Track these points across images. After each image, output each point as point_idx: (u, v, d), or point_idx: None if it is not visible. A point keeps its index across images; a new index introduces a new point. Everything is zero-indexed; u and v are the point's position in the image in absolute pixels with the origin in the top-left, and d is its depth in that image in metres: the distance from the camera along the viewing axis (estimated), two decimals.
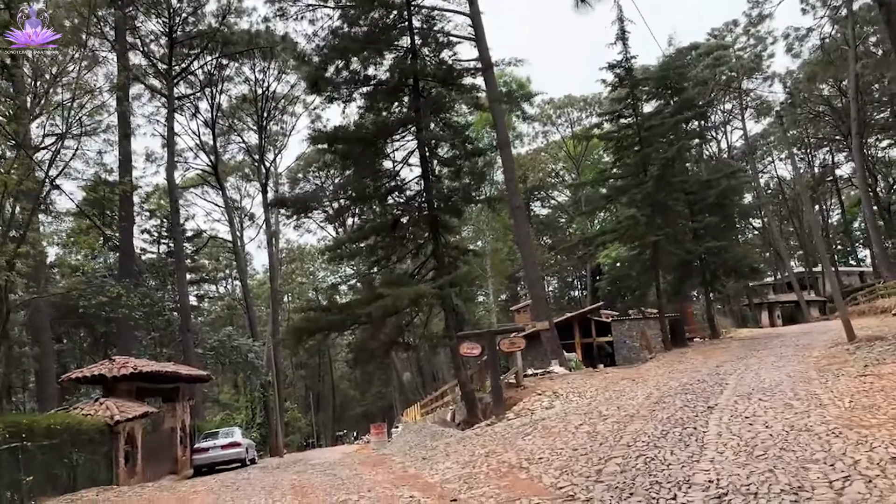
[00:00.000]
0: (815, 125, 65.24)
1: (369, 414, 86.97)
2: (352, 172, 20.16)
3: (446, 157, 20.66)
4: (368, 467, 12.72)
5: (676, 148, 24.74)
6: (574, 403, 14.72)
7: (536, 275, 30.19)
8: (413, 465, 11.43)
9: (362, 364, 24.34)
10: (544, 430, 11.40)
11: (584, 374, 20.82)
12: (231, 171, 57.79)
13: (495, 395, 15.79)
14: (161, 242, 47.38)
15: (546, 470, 8.32)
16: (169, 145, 35.40)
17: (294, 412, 65.07)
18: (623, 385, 16.07)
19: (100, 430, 16.35)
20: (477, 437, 13.55)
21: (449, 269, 19.97)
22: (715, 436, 8.55)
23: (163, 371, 21.08)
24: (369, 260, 21.58)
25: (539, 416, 13.84)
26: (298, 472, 12.85)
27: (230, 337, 40.26)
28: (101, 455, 16.59)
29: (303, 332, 18.13)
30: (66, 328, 36.22)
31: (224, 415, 53.51)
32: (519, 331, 18.12)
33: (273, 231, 46.97)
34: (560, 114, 70.54)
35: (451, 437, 15.62)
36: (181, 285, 35.21)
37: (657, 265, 25.87)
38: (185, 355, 33.40)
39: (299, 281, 79.00)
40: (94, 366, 19.80)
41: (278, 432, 38.84)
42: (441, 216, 20.73)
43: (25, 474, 12.23)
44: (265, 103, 47.89)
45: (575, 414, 12.36)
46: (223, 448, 23.61)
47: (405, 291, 16.56)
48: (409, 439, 17.94)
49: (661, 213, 25.83)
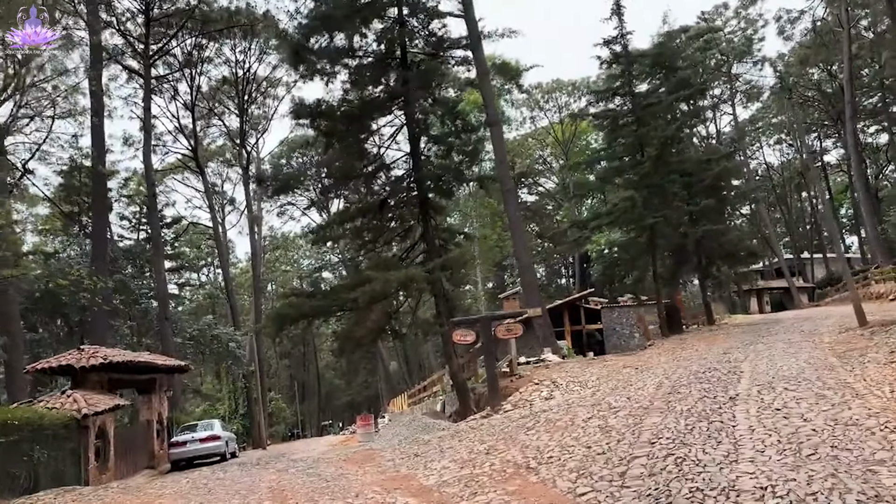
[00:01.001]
0: (805, 110, 64.71)
1: (355, 404, 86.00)
2: (336, 151, 18.96)
3: (436, 134, 19.52)
4: (355, 465, 11.68)
5: (677, 125, 23.78)
6: (577, 394, 13.75)
7: (528, 260, 29.19)
8: (405, 464, 10.41)
9: (348, 353, 23.32)
10: (549, 424, 10.41)
11: (581, 363, 19.90)
12: (212, 155, 56.17)
13: (491, 385, 14.79)
14: (140, 229, 45.92)
15: (560, 472, 7.31)
16: (146, 127, 33.95)
17: (278, 402, 63.85)
18: (627, 374, 15.13)
19: (65, 424, 15.16)
20: (473, 431, 12.54)
21: (439, 253, 18.91)
22: (747, 431, 7.59)
23: (136, 361, 19.87)
24: (355, 243, 20.47)
25: (539, 408, 12.86)
26: (279, 471, 11.77)
27: (210, 326, 39.05)
28: (68, 452, 15.41)
29: (285, 319, 17.00)
30: (40, 317, 34.78)
31: (206, 406, 52.29)
32: (515, 317, 17.13)
33: (255, 216, 45.64)
34: (548, 98, 69.43)
35: (444, 430, 14.61)
36: (159, 273, 33.88)
37: (654, 249, 24.97)
38: (164, 344, 32.17)
39: (283, 269, 77.63)
40: (62, 355, 18.54)
41: (261, 424, 37.73)
42: (431, 197, 19.66)
43: None
44: (246, 85, 46.40)
45: (580, 406, 11.38)
46: (202, 441, 22.49)
47: (394, 275, 15.48)
48: (398, 432, 16.95)
49: (659, 195, 24.91)
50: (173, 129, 46.03)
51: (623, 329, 36.69)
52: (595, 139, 70.48)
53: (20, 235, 37.70)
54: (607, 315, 36.02)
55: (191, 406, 51.33)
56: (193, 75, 42.96)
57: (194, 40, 39.62)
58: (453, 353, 18.41)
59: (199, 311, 57.62)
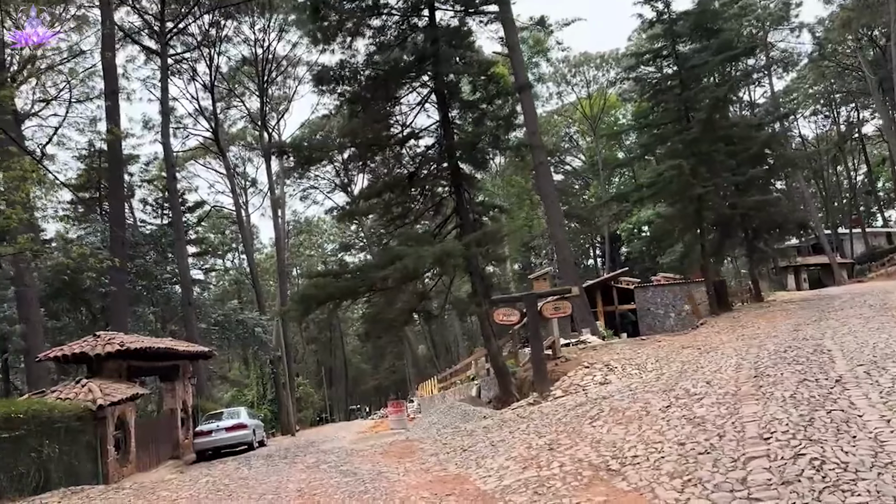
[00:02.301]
0: (842, 79, 61.79)
1: (382, 388, 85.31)
2: (361, 120, 17.53)
3: (468, 99, 18.02)
4: (394, 460, 10.40)
5: (729, 85, 21.90)
6: (638, 378, 12.29)
7: (563, 236, 27.70)
8: (452, 460, 9.08)
9: (374, 337, 21.84)
10: (616, 414, 8.99)
11: (630, 344, 18.40)
12: (233, 139, 55.19)
13: (537, 368, 13.39)
14: (163, 214, 45.09)
15: (655, 477, 5.90)
16: (163, 105, 32.85)
17: (306, 387, 63.22)
18: (689, 355, 13.63)
19: (79, 416, 14.08)
20: (522, 421, 11.17)
21: (474, 228, 17.50)
22: (881, 422, 6.11)
23: (156, 347, 18.79)
24: (383, 219, 19.11)
25: (597, 395, 11.43)
26: (308, 468, 10.53)
27: (235, 311, 38.15)
28: (83, 446, 14.35)
29: (311, 301, 15.73)
30: (61, 304, 34.10)
31: (234, 392, 51.75)
32: (563, 293, 15.69)
33: (278, 198, 44.49)
34: (575, 73, 67.14)
35: (488, 418, 13.26)
36: (181, 257, 32.90)
37: (702, 221, 23.25)
38: (188, 330, 31.25)
39: (307, 254, 76.77)
40: (76, 343, 17.48)
41: (290, 410, 36.79)
42: (463, 168, 18.20)
43: None
44: (266, 65, 45.14)
45: (649, 392, 9.94)
46: (228, 430, 21.47)
47: (428, 251, 14.11)
48: (435, 420, 15.69)
49: (706, 164, 23.14)
50: (193, 112, 45.09)
51: (657, 309, 35.08)
52: (624, 114, 68.41)
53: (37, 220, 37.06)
54: (641, 295, 34.38)
55: (218, 392, 50.83)
56: (212, 55, 41.80)
57: (211, 17, 38.36)
58: (492, 334, 17.04)
59: (225, 297, 56.98)
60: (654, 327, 33.12)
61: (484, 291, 17.47)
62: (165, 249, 36.11)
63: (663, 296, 34.43)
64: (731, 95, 24.08)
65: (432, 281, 18.93)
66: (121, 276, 25.45)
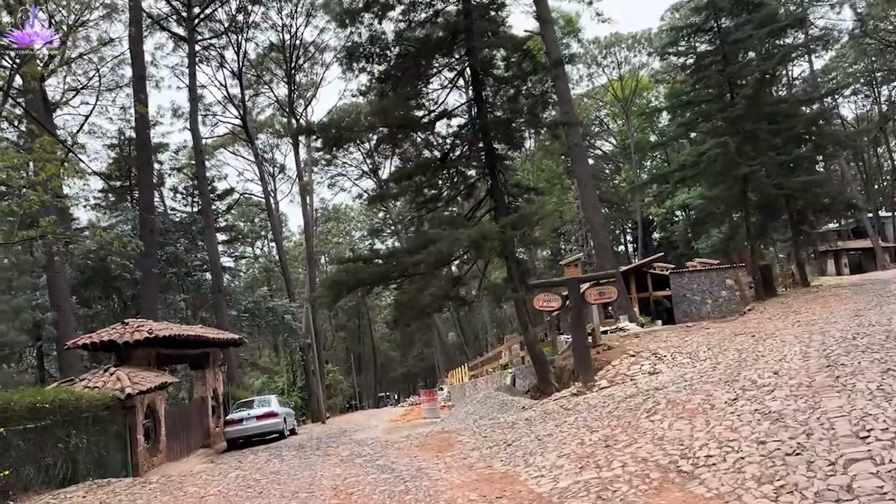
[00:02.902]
0: (884, 57, 59.33)
1: (411, 375, 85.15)
2: (391, 99, 16.86)
3: (502, 75, 17.23)
4: (432, 454, 9.80)
5: (778, 58, 20.71)
6: (691, 368, 11.50)
7: (600, 219, 26.78)
8: (496, 456, 8.44)
9: (404, 324, 21.16)
10: (675, 407, 8.25)
11: (675, 331, 17.55)
12: (261, 126, 55.02)
13: (581, 357, 12.66)
14: (193, 202, 45.08)
15: (739, 481, 5.18)
16: (191, 92, 32.54)
17: (335, 374, 63.28)
18: (744, 342, 12.79)
19: (107, 405, 13.73)
20: (568, 413, 10.49)
21: (508, 210, 16.77)
22: None
23: (185, 335, 18.43)
24: (415, 202, 18.46)
25: (649, 385, 10.68)
26: (343, 461, 9.99)
27: (265, 298, 37.98)
28: (111, 435, 14.03)
29: (342, 286, 15.19)
30: (93, 292, 34.19)
31: (264, 379, 51.83)
32: (608, 278, 14.90)
33: (306, 184, 44.10)
34: (606, 54, 65.56)
35: (528, 410, 12.59)
36: (211, 244, 32.71)
37: (747, 203, 22.18)
38: (218, 317, 31.08)
39: (335, 241, 76.64)
40: (104, 331, 17.17)
41: (320, 397, 36.54)
42: (497, 148, 17.45)
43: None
44: (293, 51, 44.72)
45: (707, 383, 9.17)
46: (258, 419, 21.13)
47: (463, 233, 13.44)
48: (471, 410, 15.08)
49: (751, 142, 22.03)
50: (222, 99, 44.98)
51: (693, 295, 34.04)
52: (656, 96, 66.72)
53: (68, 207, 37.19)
54: (676, 281, 33.32)
55: (249, 379, 50.94)
56: (240, 41, 41.49)
57: (238, 2, 37.99)
58: (529, 321, 16.35)
59: (255, 285, 57.06)
60: (690, 314, 32.11)
61: (520, 276, 16.78)
62: (195, 237, 35.99)
63: (699, 281, 33.35)
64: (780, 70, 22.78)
65: (465, 266, 18.23)
66: (150, 262, 25.22)
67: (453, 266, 19.54)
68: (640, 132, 66.73)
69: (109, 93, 39.75)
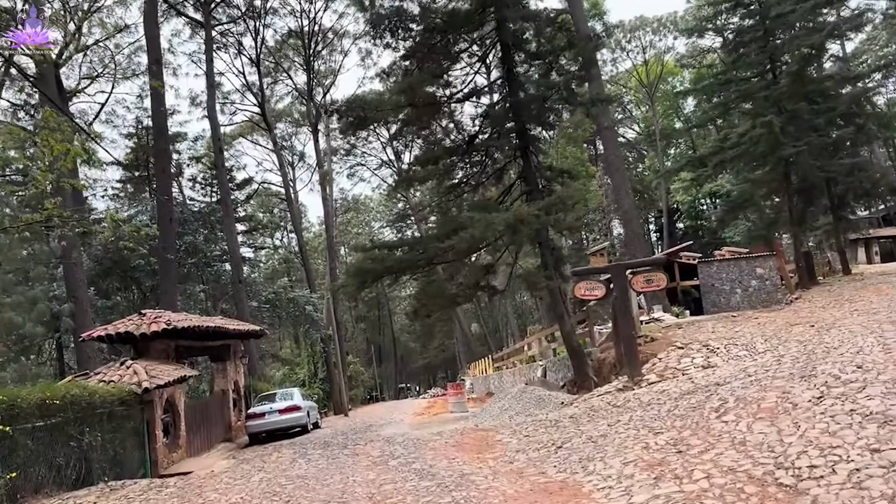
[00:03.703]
0: None
1: (431, 367, 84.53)
2: (417, 77, 15.95)
3: (535, 51, 16.23)
4: (472, 455, 8.96)
5: (827, 31, 19.46)
6: (752, 362, 10.53)
7: (631, 204, 25.72)
8: (548, 460, 7.57)
9: (425, 315, 19.64)
10: (748, 406, 7.32)
11: (720, 321, 16.54)
12: (279, 115, 54.39)
13: (629, 350, 11.73)
14: (212, 192, 44.61)
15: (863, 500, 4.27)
16: (209, 77, 31.88)
17: (356, 366, 62.84)
18: (804, 333, 11.79)
19: (122, 400, 13.06)
20: (618, 411, 9.59)
21: (542, 194, 15.83)
22: None
23: (205, 326, 17.75)
24: (441, 187, 17.58)
25: (706, 381, 9.74)
26: (375, 464, 9.18)
27: (286, 289, 37.36)
28: (128, 432, 13.38)
29: (367, 275, 14.38)
30: (112, 283, 33.80)
31: (286, 370, 51.43)
32: (655, 264, 13.92)
33: (326, 172, 43.35)
34: (630, 38, 63.97)
35: (571, 406, 11.70)
36: (230, 234, 32.08)
37: (790, 186, 21.02)
38: (238, 309, 30.49)
39: (355, 232, 76.08)
40: (120, 322, 16.52)
41: (342, 389, 35.91)
42: (529, 128, 16.50)
43: (4, 468, 8.95)
44: (312, 37, 43.94)
45: (777, 378, 8.21)
46: (281, 413, 20.46)
47: (498, 217, 12.53)
48: (506, 405, 14.24)
49: (794, 123, 20.85)
50: (240, 87, 44.39)
51: (723, 285, 32.80)
52: (681, 81, 65.10)
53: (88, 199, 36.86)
54: (705, 270, 32.09)
55: (270, 370, 50.54)
56: (257, 27, 40.81)
57: None
58: (565, 311, 15.43)
59: (275, 276, 56.61)
60: (719, 304, 31.01)
61: (554, 264, 15.86)
62: (214, 227, 35.44)
63: (729, 271, 32.14)
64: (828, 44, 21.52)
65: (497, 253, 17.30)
66: (168, 252, 24.62)
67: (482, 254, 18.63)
68: (665, 118, 65.26)
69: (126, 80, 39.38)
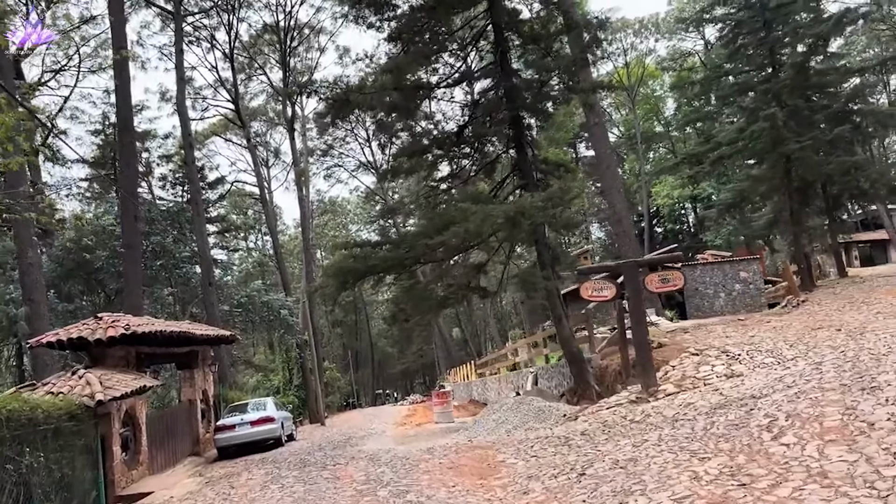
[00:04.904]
0: None
1: (409, 372, 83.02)
2: (405, 59, 14.67)
3: (532, 33, 15.05)
4: (475, 480, 7.69)
5: (834, 20, 18.60)
6: (785, 370, 9.39)
7: (623, 204, 24.66)
8: (572, 492, 6.32)
9: (403, 320, 17.94)
10: (805, 424, 6.14)
11: (727, 325, 15.47)
12: (254, 114, 52.76)
13: (642, 357, 10.52)
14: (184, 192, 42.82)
15: None
16: (178, 69, 30.20)
17: (333, 372, 61.13)
18: (835, 338, 10.72)
19: (72, 414, 11.52)
20: (640, 428, 8.37)
21: (538, 188, 14.64)
22: None
23: (169, 331, 16.23)
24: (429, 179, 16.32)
25: (737, 393, 8.58)
26: (362, 494, 7.85)
27: (260, 292, 35.68)
28: (78, 450, 11.85)
29: (349, 275, 13.07)
30: (74, 286, 31.90)
31: (259, 377, 49.68)
32: (674, 261, 12.77)
33: (302, 170, 41.79)
34: (612, 40, 63.40)
35: (579, 421, 10.46)
36: (200, 234, 30.41)
37: (791, 184, 20.12)
38: (209, 313, 28.83)
39: (332, 235, 74.50)
40: (73, 326, 14.92)
41: (318, 396, 34.38)
42: (524, 116, 15.33)
43: None
44: (288, 33, 42.44)
45: (828, 390, 7.05)
46: (253, 425, 18.99)
47: (497, 210, 11.31)
48: (501, 418, 13.00)
49: (795, 118, 19.99)
50: (213, 82, 42.69)
51: (706, 289, 32.23)
52: (661, 84, 64.91)
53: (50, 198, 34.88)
54: (689, 274, 31.36)
55: (243, 377, 48.72)
56: (231, 21, 39.22)
57: None
58: (564, 313, 14.24)
59: (248, 280, 54.81)
60: (703, 308, 30.41)
61: (551, 263, 14.68)
62: (184, 226, 33.73)
63: (712, 275, 31.54)
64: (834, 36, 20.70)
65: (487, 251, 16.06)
66: (133, 252, 22.96)
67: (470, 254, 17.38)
68: (646, 121, 65.22)
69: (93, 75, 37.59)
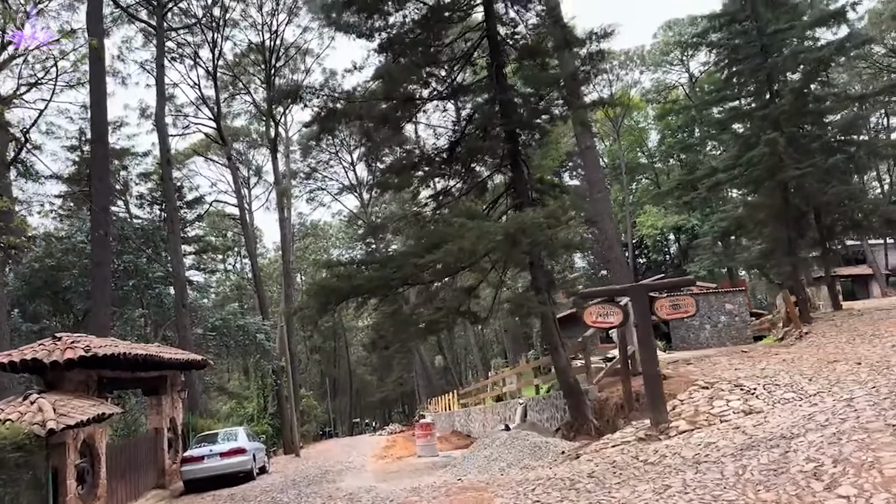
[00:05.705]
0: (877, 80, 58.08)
1: (388, 401, 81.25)
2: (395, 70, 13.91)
3: (530, 45, 14.40)
4: None
5: (836, 45, 18.25)
6: (813, 407, 8.53)
7: (614, 231, 24.04)
8: None
9: (382, 347, 16.79)
10: (861, 471, 5.29)
11: (730, 356, 14.67)
12: (236, 133, 51.87)
13: (652, 389, 9.60)
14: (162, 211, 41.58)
15: None
16: (159, 84, 29.31)
17: (310, 399, 59.40)
18: (856, 373, 9.93)
19: (19, 445, 10.37)
20: (654, 470, 7.45)
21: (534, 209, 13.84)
22: None
23: (133, 354, 15.07)
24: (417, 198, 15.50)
25: (763, 431, 7.70)
26: None
27: (236, 315, 34.44)
28: (26, 484, 10.69)
29: (331, 295, 12.09)
30: (41, 306, 30.50)
31: (232, 404, 48.00)
32: (687, 285, 11.99)
33: (284, 189, 40.80)
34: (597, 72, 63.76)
35: (582, 461, 9.51)
36: (175, 253, 29.24)
37: (789, 212, 19.58)
38: (181, 336, 27.56)
39: (313, 259, 73.30)
40: (28, 347, 13.69)
41: (293, 426, 32.98)
42: (520, 133, 14.60)
43: None
44: (274, 52, 41.87)
45: (873, 431, 6.22)
46: (222, 456, 17.79)
47: (496, 226, 10.47)
48: (493, 455, 11.98)
49: (793, 144, 19.54)
50: (195, 99, 41.76)
51: (692, 320, 31.78)
52: (645, 116, 65.40)
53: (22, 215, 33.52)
54: None
55: (216, 404, 46.99)
56: (216, 39, 38.53)
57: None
58: (560, 341, 13.34)
59: (226, 303, 53.34)
60: (688, 340, 29.95)
61: (547, 286, 13.84)
62: (158, 245, 32.52)
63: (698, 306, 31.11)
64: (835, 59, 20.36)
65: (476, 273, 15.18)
66: (102, 270, 21.77)
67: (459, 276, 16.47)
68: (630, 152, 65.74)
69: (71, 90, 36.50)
